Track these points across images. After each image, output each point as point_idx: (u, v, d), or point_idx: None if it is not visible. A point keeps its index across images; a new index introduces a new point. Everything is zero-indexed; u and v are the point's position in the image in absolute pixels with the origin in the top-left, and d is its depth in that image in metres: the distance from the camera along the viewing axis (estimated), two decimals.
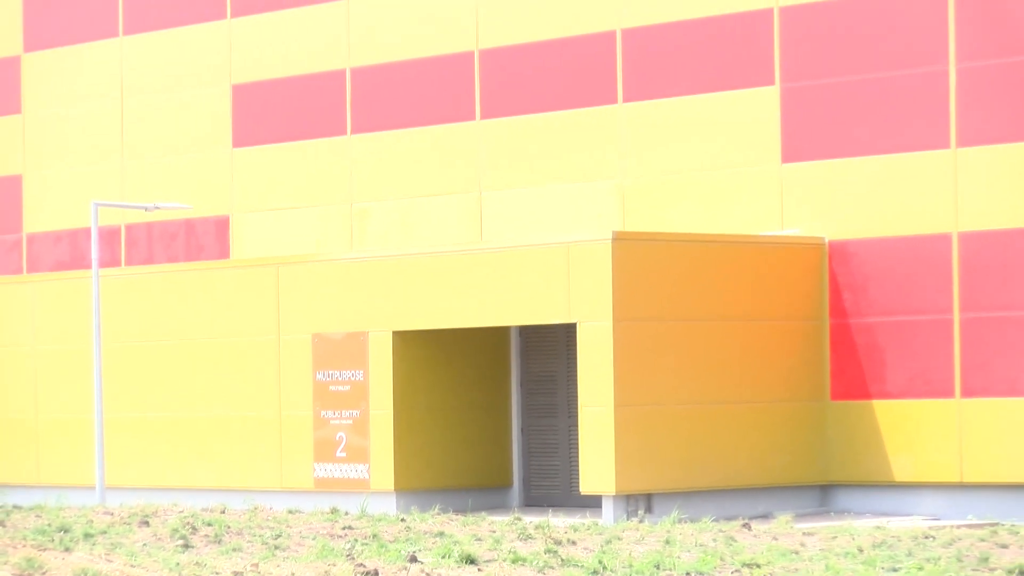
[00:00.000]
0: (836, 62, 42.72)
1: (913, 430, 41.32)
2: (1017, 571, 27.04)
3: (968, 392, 40.64)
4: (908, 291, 41.58)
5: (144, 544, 30.02)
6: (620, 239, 40.12)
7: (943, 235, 40.94)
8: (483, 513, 39.54)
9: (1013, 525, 36.45)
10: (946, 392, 40.85)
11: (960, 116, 40.39)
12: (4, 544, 26.69)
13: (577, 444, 40.89)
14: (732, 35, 44.12)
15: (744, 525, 35.49)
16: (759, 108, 43.42)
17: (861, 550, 30.52)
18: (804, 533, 33.87)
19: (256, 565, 25.71)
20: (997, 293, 40.40)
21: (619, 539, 31.88)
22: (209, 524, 33.07)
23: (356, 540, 31.38)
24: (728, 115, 43.89)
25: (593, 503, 40.49)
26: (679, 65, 44.75)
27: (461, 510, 40.67)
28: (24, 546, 25.89)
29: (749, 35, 43.84)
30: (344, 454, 43.53)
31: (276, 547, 30.18)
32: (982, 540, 32.54)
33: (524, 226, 46.10)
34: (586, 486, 40.00)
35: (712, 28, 44.30)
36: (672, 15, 44.88)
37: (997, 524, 36.83)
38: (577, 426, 40.81)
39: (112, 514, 35.07)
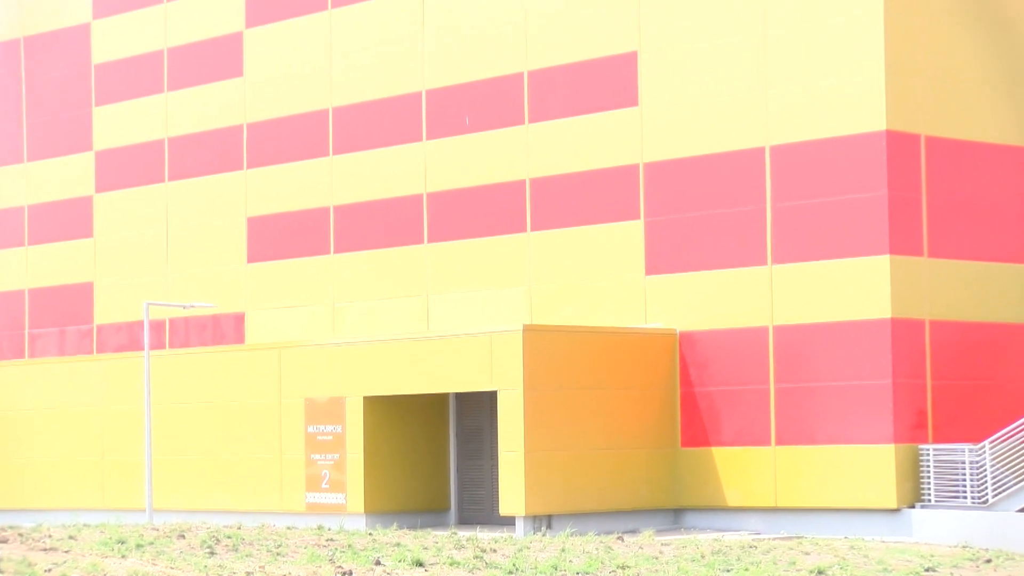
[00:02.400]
0: (685, 202, 44.03)
1: (741, 468, 42.69)
2: (817, 571, 29.05)
3: (780, 441, 42.01)
4: (737, 368, 42.88)
5: (180, 552, 30.62)
6: (528, 330, 42.01)
7: (762, 327, 42.35)
8: (428, 529, 41.55)
9: (814, 538, 38.81)
10: (764, 441, 42.29)
11: (774, 242, 41.80)
12: (75, 554, 26.84)
13: (498, 479, 42.36)
14: (609, 183, 45.48)
15: (618, 538, 37.61)
16: (629, 236, 44.88)
17: (703, 556, 32.23)
18: (662, 544, 35.61)
19: (263, 567, 27.11)
20: (801, 371, 41.81)
21: (528, 548, 33.78)
22: (228, 537, 34.10)
23: (336, 549, 32.27)
24: (606, 240, 45.44)
25: (509, 522, 42.12)
26: (571, 204, 46.25)
27: (412, 527, 42.26)
28: (91, 555, 26.10)
29: (622, 183, 45.12)
30: (328, 486, 44.99)
31: (278, 554, 30.95)
32: (791, 548, 34.62)
33: (459, 320, 47.43)
34: (504, 509, 41.62)
35: (594, 178, 45.62)
36: (565, 168, 46.22)
37: (802, 537, 39.32)
38: (498, 466, 42.35)
39: (157, 530, 36.07)
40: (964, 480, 39.03)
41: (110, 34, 56.86)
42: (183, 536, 33.85)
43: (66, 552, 24.67)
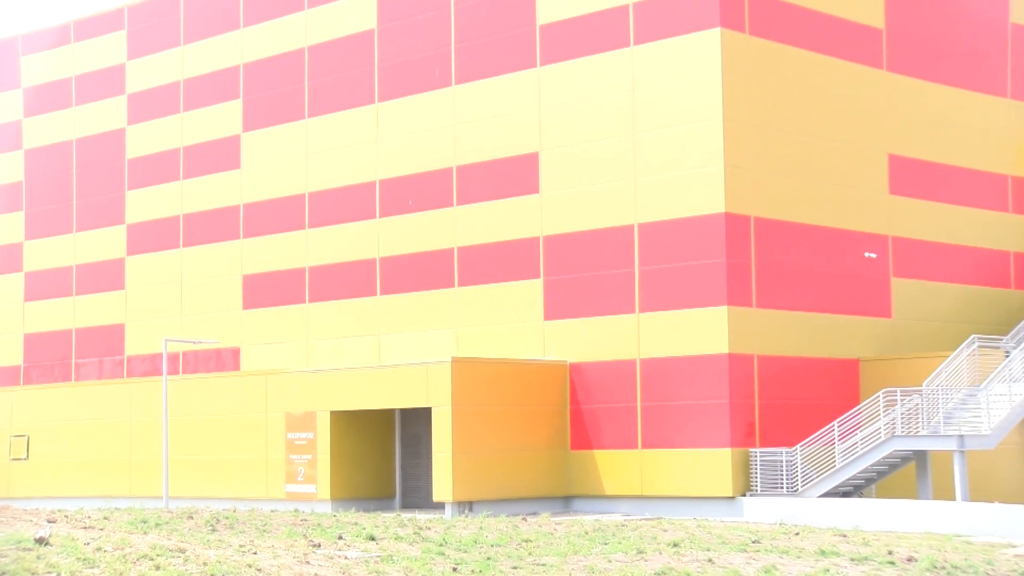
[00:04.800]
0: (574, 265, 44.11)
1: (615, 466, 42.57)
2: (673, 544, 28.75)
3: (645, 445, 42.00)
4: (613, 391, 42.82)
5: (189, 529, 30.49)
6: (456, 361, 42.17)
7: (631, 360, 42.42)
8: (379, 512, 41.48)
9: (670, 519, 38.52)
10: (633, 445, 42.30)
11: (641, 295, 41.95)
12: (108, 531, 26.63)
13: (432, 473, 42.07)
14: (517, 251, 45.46)
15: (523, 519, 37.33)
16: (531, 291, 44.95)
17: (587, 532, 31.99)
18: (556, 523, 35.28)
19: (252, 541, 26.20)
20: (661, 392, 41.76)
21: (455, 526, 33.61)
22: (226, 518, 34.19)
23: (308, 527, 32.16)
24: (514, 294, 45.45)
25: (440, 506, 42.17)
26: (489, 266, 46.27)
27: (367, 510, 42.40)
28: (120, 532, 25.88)
29: (527, 251, 45.18)
30: (302, 479, 44.87)
31: (264, 531, 30.72)
32: (653, 527, 34.21)
33: (403, 353, 47.24)
34: (437, 496, 41.48)
35: (506, 247, 45.62)
36: (484, 240, 46.17)
37: (661, 518, 39.04)
38: (432, 463, 42.12)
39: (171, 513, 36.16)
40: (782, 475, 39.32)
41: (140, 136, 56.58)
42: (191, 517, 33.75)
43: (101, 530, 24.47)
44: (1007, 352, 41.49)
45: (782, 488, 39.24)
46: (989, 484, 40.35)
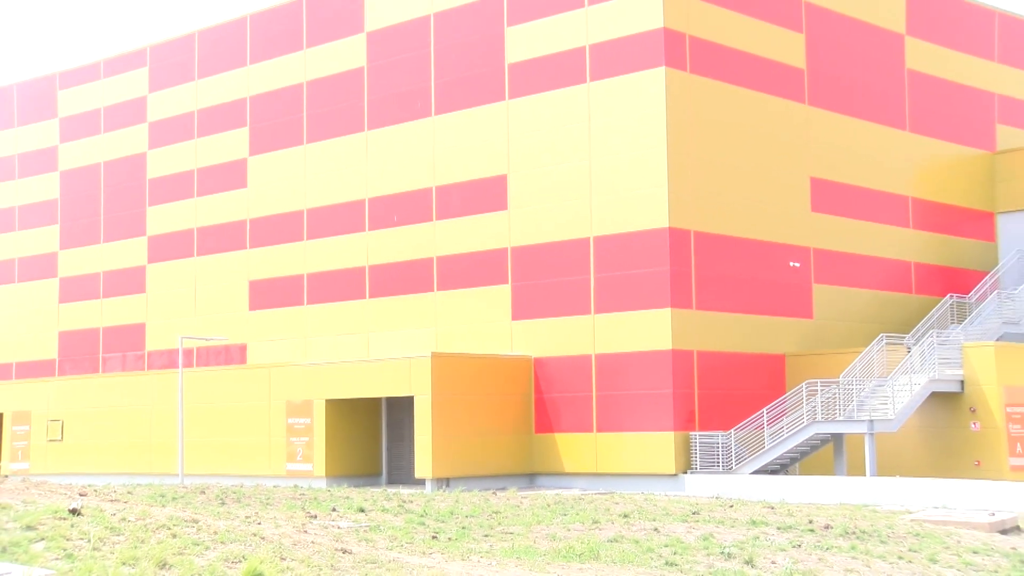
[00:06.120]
0: (537, 273, 44.11)
1: (574, 447, 42.55)
2: (623, 515, 28.67)
3: (600, 429, 41.99)
4: (571, 382, 42.80)
5: (201, 502, 29.92)
6: (435, 356, 42.06)
7: (588, 355, 42.43)
8: (367, 487, 41.04)
9: (621, 493, 38.17)
10: (588, 429, 42.37)
11: (596, 299, 41.97)
12: (132, 504, 26.36)
13: (414, 453, 42.00)
14: (488, 261, 45.37)
15: (493, 493, 37.18)
16: (501, 295, 44.94)
17: (549, 505, 31.76)
18: (522, 497, 35.11)
19: (256, 512, 26.05)
20: (613, 383, 41.79)
21: (433, 500, 33.16)
22: (234, 493, 33.39)
23: (306, 500, 31.24)
24: (486, 297, 45.35)
25: (421, 482, 42.01)
26: (464, 274, 46.25)
27: (357, 486, 41.97)
28: (142, 504, 25.65)
29: (497, 260, 45.12)
30: (301, 458, 44.66)
31: (267, 504, 30.17)
32: (606, 500, 34.01)
33: (389, 349, 47.01)
34: (418, 473, 41.45)
35: (479, 257, 45.52)
36: (460, 250, 46.08)
37: (614, 493, 38.74)
38: (414, 445, 41.96)
39: (186, 488, 35.13)
40: (718, 455, 39.46)
41: (159, 159, 56.24)
42: (203, 492, 33.39)
43: (125, 503, 24.30)
44: (908, 348, 41.69)
45: (718, 466, 39.36)
46: (894, 461, 40.53)
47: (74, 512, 16.41)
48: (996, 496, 32.58)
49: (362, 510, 28.08)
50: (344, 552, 17.68)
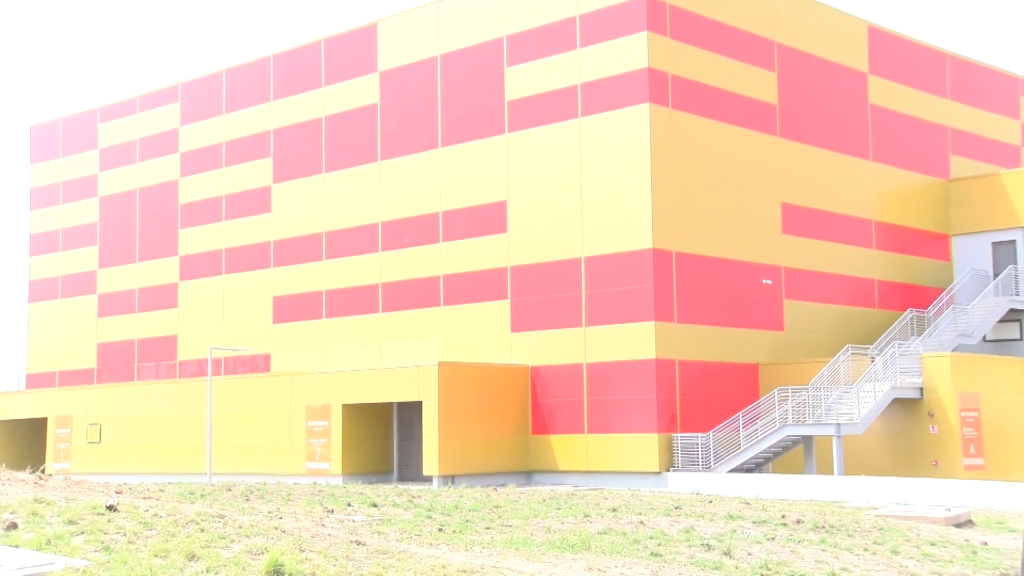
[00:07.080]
0: (534, 289, 43.92)
1: (567, 447, 42.35)
2: (611, 508, 28.57)
3: (591, 431, 41.80)
4: (565, 388, 42.59)
5: (228, 499, 29.75)
6: (442, 364, 41.91)
7: (579, 364, 42.22)
8: (379, 484, 40.90)
9: (610, 489, 38.19)
10: (580, 431, 42.16)
11: (587, 313, 41.79)
12: (163, 501, 26.21)
13: (422, 453, 41.72)
14: (490, 278, 45.26)
15: (494, 489, 37.03)
16: (501, 309, 44.71)
17: (544, 500, 31.72)
18: (520, 492, 35.10)
19: (278, 508, 26.07)
20: (603, 389, 41.58)
21: (440, 495, 33.08)
22: (257, 490, 33.63)
23: (324, 496, 31.76)
24: (488, 312, 45.18)
25: (429, 479, 41.90)
26: (468, 290, 45.97)
27: (370, 483, 41.86)
28: (173, 501, 25.52)
29: (498, 278, 44.96)
30: (319, 458, 44.39)
31: (288, 500, 30.25)
32: (597, 495, 33.98)
33: (400, 358, 46.72)
34: (426, 471, 41.15)
35: (481, 275, 45.28)
36: (464, 269, 45.76)
37: (603, 489, 38.77)
38: (422, 445, 41.76)
39: (213, 486, 35.11)
40: (698, 455, 39.28)
41: (190, 186, 56.11)
42: (229, 490, 33.40)
43: (157, 500, 24.18)
44: (872, 358, 41.55)
45: (698, 465, 39.16)
46: (859, 461, 40.35)
47: (111, 508, 16.31)
48: (952, 493, 32.51)
49: (375, 505, 27.98)
50: (358, 544, 17.56)
